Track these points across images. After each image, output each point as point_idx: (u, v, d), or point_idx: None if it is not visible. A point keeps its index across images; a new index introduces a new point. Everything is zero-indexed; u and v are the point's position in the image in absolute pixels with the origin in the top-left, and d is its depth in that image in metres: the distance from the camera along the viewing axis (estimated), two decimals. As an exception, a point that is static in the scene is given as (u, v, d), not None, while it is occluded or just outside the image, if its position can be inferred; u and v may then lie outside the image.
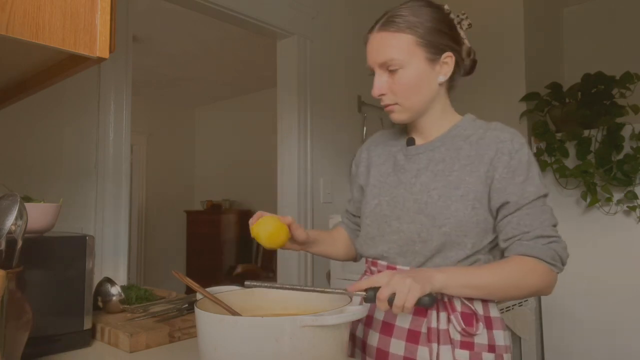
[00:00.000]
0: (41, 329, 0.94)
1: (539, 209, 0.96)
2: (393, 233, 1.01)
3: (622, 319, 2.54)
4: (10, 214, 0.79)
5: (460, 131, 1.03)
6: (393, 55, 0.97)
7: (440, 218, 0.95)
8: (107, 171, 1.72)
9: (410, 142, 1.08)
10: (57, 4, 0.70)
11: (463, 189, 0.96)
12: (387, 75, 0.99)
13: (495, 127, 1.01)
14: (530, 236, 0.93)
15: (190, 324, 1.12)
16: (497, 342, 0.97)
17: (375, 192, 1.07)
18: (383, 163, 1.10)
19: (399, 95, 1.00)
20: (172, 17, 3.49)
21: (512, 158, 0.95)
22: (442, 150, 1.02)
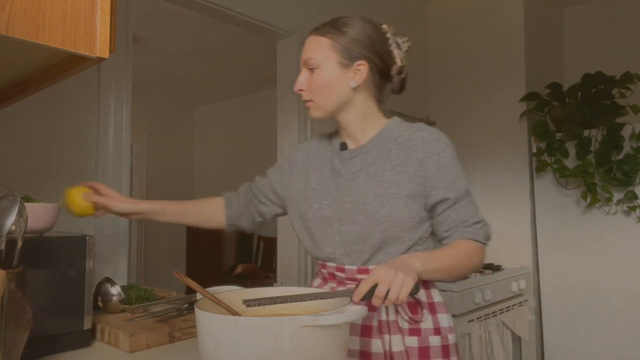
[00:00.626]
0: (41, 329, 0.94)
1: (469, 200, 1.08)
2: (335, 235, 1.08)
3: (622, 319, 2.54)
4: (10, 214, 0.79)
5: (389, 133, 1.11)
6: (311, 55, 1.08)
7: (378, 217, 1.03)
8: (107, 171, 1.72)
9: (343, 146, 1.15)
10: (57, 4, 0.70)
11: (395, 187, 1.04)
12: (308, 74, 1.09)
13: (422, 129, 1.10)
14: (468, 224, 1.06)
15: (190, 324, 1.12)
16: (442, 325, 1.08)
17: (316, 196, 1.12)
18: (322, 168, 1.16)
19: (313, 93, 1.08)
20: (172, 17, 3.49)
21: (440, 157, 1.05)
22: (373, 153, 1.10)
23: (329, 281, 1.13)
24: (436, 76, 3.31)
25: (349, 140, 1.15)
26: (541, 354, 2.83)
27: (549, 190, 2.80)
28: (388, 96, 1.16)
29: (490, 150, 3.01)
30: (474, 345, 2.15)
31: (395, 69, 1.14)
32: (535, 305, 2.77)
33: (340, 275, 1.09)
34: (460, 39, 3.19)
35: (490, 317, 2.31)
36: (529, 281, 2.75)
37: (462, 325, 2.14)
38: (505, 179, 2.95)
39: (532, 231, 2.86)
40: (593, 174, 2.57)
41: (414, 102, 3.17)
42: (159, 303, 1.26)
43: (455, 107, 3.17)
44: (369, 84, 1.10)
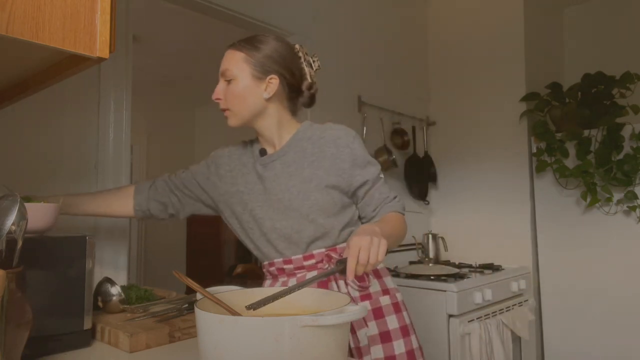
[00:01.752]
0: (41, 329, 0.94)
1: (383, 180, 1.23)
2: (271, 232, 1.19)
3: (622, 319, 2.54)
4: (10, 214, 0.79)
5: (302, 135, 1.22)
6: (228, 67, 1.17)
7: (304, 208, 1.15)
8: (107, 171, 1.72)
9: (262, 152, 1.25)
10: (57, 4, 0.70)
11: (315, 180, 1.16)
12: (225, 84, 1.18)
13: (331, 127, 1.22)
14: (389, 199, 1.21)
15: (190, 324, 1.12)
16: (388, 286, 1.24)
17: (246, 199, 1.22)
18: (248, 173, 1.25)
19: (229, 102, 1.17)
20: (172, 17, 3.49)
21: (351, 149, 1.18)
22: (291, 154, 1.20)
23: (279, 277, 1.22)
24: (436, 76, 3.31)
25: (268, 146, 1.25)
26: (541, 354, 2.83)
27: (549, 190, 2.80)
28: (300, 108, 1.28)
29: (490, 150, 3.01)
30: (474, 345, 2.15)
31: (305, 85, 1.24)
32: (535, 305, 2.77)
33: (288, 267, 1.20)
34: (460, 39, 3.19)
35: (490, 317, 2.31)
36: (529, 281, 2.75)
37: (462, 325, 2.14)
38: (505, 179, 2.95)
39: (532, 231, 2.86)
40: (593, 174, 2.57)
41: (414, 102, 3.17)
42: (159, 303, 1.26)
43: (455, 107, 3.17)
44: (281, 96, 1.20)
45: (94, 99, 1.70)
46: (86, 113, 1.68)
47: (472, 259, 2.98)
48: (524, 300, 2.64)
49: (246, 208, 1.22)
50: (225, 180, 1.28)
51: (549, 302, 2.79)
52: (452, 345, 2.13)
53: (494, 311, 2.36)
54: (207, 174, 1.32)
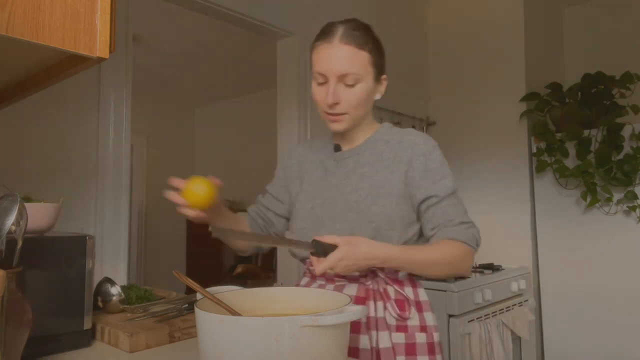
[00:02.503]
0: (41, 329, 0.94)
1: (456, 200, 1.10)
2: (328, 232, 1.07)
3: (622, 319, 2.54)
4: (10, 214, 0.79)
5: (381, 137, 1.15)
6: (355, 70, 1.05)
7: (370, 214, 1.06)
8: (107, 171, 1.72)
9: (337, 148, 1.19)
10: (57, 4, 0.70)
11: (388, 187, 1.08)
12: (343, 87, 1.06)
13: (411, 133, 1.14)
14: (454, 223, 1.07)
15: (190, 324, 1.12)
16: (428, 323, 1.11)
17: (309, 196, 1.16)
18: (315, 169, 1.20)
19: (350, 107, 1.07)
20: (172, 17, 3.49)
21: (427, 159, 1.09)
22: (366, 154, 1.14)
23: (317, 279, 1.16)
24: (436, 76, 3.31)
25: (344, 143, 1.18)
26: (541, 354, 2.83)
27: (549, 190, 2.80)
28: None
29: (490, 150, 3.01)
30: (474, 345, 2.14)
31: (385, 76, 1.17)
32: (535, 305, 2.77)
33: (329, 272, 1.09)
34: (460, 39, 3.19)
35: (490, 317, 2.31)
36: (529, 281, 2.75)
37: (462, 325, 2.14)
38: (505, 179, 2.95)
39: (532, 231, 2.86)
40: (593, 174, 2.57)
41: (414, 102, 3.17)
42: (159, 303, 1.26)
43: (455, 107, 3.17)
44: None
45: (94, 99, 1.70)
46: (86, 113, 1.68)
47: (472, 259, 2.97)
48: (524, 300, 2.64)
49: (306, 206, 1.15)
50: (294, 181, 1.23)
51: (549, 302, 2.79)
52: (452, 345, 2.13)
53: (494, 311, 2.36)
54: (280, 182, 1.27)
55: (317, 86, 1.09)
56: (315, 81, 1.09)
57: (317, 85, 1.09)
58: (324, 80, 1.07)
